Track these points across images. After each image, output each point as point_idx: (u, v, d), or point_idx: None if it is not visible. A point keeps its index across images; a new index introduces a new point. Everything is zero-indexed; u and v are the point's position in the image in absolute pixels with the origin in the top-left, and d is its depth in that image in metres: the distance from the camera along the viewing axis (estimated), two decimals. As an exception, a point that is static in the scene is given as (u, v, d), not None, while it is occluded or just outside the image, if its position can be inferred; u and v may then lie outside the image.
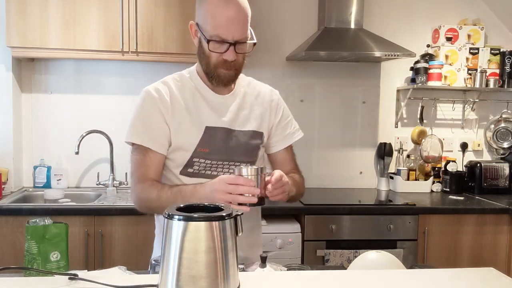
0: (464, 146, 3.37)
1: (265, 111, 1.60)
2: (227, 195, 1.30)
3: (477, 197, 3.06)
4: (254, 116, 1.58)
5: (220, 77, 1.46)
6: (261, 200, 1.34)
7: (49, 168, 2.97)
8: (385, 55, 2.85)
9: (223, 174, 1.46)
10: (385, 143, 3.25)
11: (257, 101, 1.60)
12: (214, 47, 1.41)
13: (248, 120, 1.56)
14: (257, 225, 1.68)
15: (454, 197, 3.05)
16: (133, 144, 1.49)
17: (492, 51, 3.23)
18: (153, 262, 1.31)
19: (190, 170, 1.50)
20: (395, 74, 3.31)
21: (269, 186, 1.34)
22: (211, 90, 1.53)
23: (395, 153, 3.30)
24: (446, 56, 3.19)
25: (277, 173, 1.39)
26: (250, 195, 1.30)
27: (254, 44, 1.46)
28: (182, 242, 0.97)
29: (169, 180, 1.53)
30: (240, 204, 1.30)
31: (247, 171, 1.33)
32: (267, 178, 1.37)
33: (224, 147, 1.51)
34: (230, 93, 1.56)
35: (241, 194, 1.31)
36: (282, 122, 1.64)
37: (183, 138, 1.48)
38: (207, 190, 1.35)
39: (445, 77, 3.17)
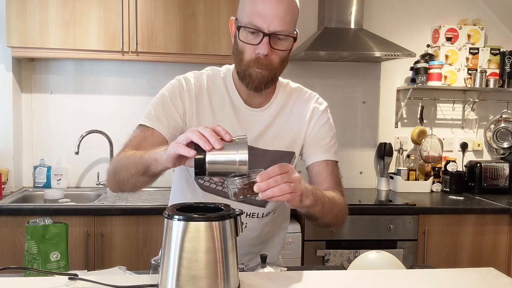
0: (464, 146, 3.37)
1: (302, 126, 1.41)
2: (194, 131, 1.01)
3: (477, 197, 3.06)
4: (286, 133, 1.40)
5: (252, 78, 1.26)
6: (202, 165, 1.01)
7: (49, 168, 2.97)
8: (385, 55, 2.84)
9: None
10: (385, 143, 3.25)
11: (294, 115, 1.41)
12: (246, 36, 1.23)
13: (276, 139, 1.39)
14: (285, 227, 1.60)
15: (454, 197, 3.04)
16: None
17: (492, 51, 3.23)
18: (153, 262, 1.31)
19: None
20: (395, 74, 3.31)
21: (258, 178, 1.02)
22: (242, 101, 1.36)
23: (395, 153, 3.30)
24: (446, 56, 3.19)
25: (279, 165, 1.06)
26: (216, 142, 0.99)
27: (295, 40, 1.25)
28: (182, 242, 0.97)
29: (186, 187, 1.43)
30: (197, 149, 1.00)
31: (237, 136, 1.05)
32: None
33: None
34: (263, 107, 1.38)
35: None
36: (319, 133, 1.43)
37: None
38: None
39: (445, 77, 3.17)
